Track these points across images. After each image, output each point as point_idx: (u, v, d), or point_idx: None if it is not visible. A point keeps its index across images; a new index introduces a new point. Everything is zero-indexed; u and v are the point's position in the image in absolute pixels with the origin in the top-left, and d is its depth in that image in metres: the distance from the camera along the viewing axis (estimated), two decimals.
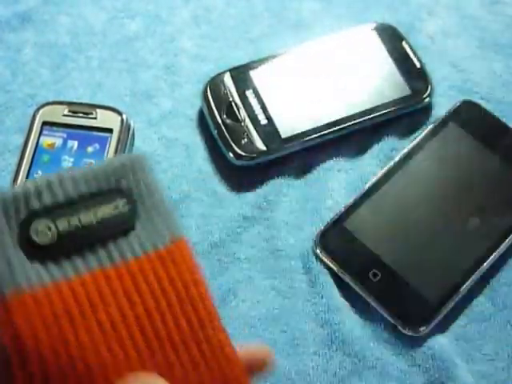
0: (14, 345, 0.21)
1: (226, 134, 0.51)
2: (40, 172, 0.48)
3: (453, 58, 0.57)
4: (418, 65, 0.55)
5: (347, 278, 0.47)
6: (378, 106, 0.53)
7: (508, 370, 0.45)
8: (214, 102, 0.52)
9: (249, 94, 0.53)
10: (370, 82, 0.54)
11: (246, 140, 0.51)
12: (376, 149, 0.53)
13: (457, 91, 0.56)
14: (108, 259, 0.23)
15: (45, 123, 0.50)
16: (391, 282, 0.46)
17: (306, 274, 0.47)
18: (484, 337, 0.46)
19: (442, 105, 0.54)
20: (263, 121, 0.52)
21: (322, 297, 0.46)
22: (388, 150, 0.53)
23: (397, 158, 0.51)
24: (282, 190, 0.51)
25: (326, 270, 0.47)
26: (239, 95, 0.53)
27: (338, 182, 0.51)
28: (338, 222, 0.48)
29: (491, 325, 0.46)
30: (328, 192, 0.51)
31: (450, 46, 0.58)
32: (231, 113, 0.52)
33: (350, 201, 0.49)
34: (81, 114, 0.50)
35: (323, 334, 0.45)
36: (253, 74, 0.54)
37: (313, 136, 0.51)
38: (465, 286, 0.46)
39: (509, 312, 0.47)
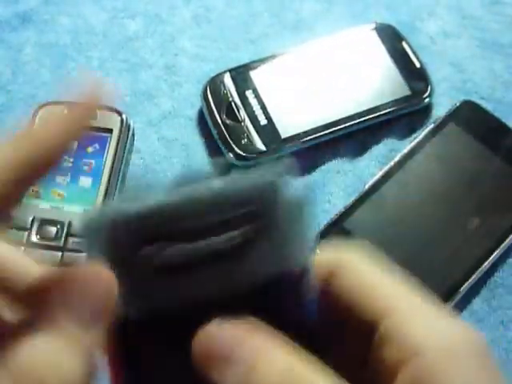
0: None
1: (225, 134, 0.51)
2: None
3: (453, 58, 0.57)
4: (418, 65, 0.55)
5: None
6: (377, 107, 0.53)
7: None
8: (213, 102, 0.52)
9: (249, 94, 0.53)
10: (370, 82, 0.54)
11: (245, 140, 0.51)
12: (375, 149, 0.53)
13: (457, 91, 0.56)
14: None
15: None
16: None
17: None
18: None
19: (442, 105, 0.54)
20: (263, 121, 0.52)
21: None
22: (387, 151, 0.53)
23: (397, 158, 0.51)
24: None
25: None
26: (239, 95, 0.53)
27: (337, 184, 0.51)
28: (337, 222, 0.48)
29: (484, 325, 0.46)
30: (326, 193, 0.51)
31: (450, 46, 0.58)
32: (231, 113, 0.52)
33: (350, 201, 0.49)
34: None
35: None
36: (253, 74, 0.54)
37: (312, 136, 0.51)
38: (464, 286, 0.46)
39: (502, 313, 0.47)
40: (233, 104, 0.52)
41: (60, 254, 0.45)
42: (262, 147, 0.51)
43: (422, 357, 0.21)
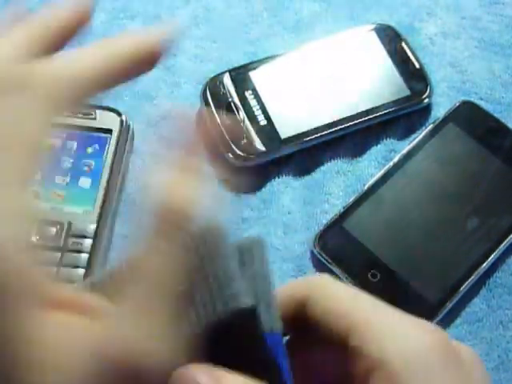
0: None
1: (225, 134, 0.51)
2: (39, 172, 0.48)
3: (452, 59, 0.57)
4: (418, 65, 0.55)
5: (346, 279, 0.47)
6: (377, 107, 0.53)
7: (497, 371, 0.45)
8: (213, 102, 0.52)
9: (248, 94, 0.53)
10: (370, 82, 0.54)
11: (245, 141, 0.51)
12: (375, 150, 0.53)
13: (456, 92, 0.56)
14: None
15: None
16: (390, 283, 0.46)
17: (303, 276, 0.47)
18: (476, 337, 0.46)
19: (442, 105, 0.55)
20: (262, 121, 0.52)
21: None
22: (387, 152, 0.53)
23: (396, 159, 0.51)
24: (281, 191, 0.51)
25: (323, 271, 0.47)
26: (238, 96, 0.53)
27: (337, 184, 0.51)
28: (337, 223, 0.48)
29: (483, 325, 0.47)
30: (326, 194, 0.51)
31: (450, 46, 0.58)
32: (230, 113, 0.52)
33: (350, 201, 0.49)
34: (80, 115, 0.50)
35: None
36: (252, 74, 0.54)
37: (312, 137, 0.51)
38: (464, 286, 0.46)
39: (502, 313, 0.47)
40: (232, 104, 0.52)
41: (59, 254, 0.45)
42: (262, 148, 0.51)
43: (386, 365, 0.23)
